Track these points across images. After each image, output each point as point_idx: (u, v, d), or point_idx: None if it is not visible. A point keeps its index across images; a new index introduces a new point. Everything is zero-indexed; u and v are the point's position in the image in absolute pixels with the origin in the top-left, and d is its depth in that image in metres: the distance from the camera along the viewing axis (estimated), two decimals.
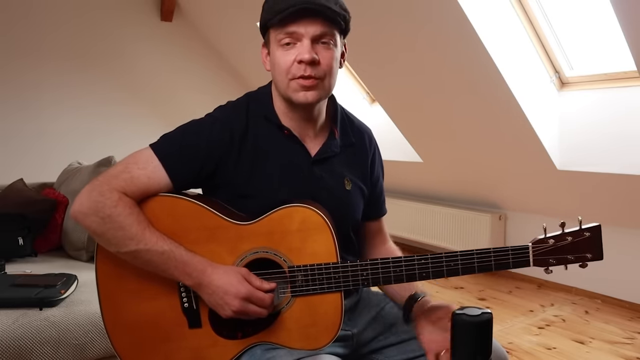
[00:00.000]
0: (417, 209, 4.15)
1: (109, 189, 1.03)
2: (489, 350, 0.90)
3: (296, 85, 1.07)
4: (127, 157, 1.09)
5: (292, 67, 1.06)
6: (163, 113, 4.58)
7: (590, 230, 1.02)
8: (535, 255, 1.04)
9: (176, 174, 1.07)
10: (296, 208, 1.06)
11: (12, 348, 1.51)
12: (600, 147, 2.84)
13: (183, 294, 1.08)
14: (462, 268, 1.05)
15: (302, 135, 1.15)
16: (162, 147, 1.09)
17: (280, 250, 1.06)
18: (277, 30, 1.07)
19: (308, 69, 1.05)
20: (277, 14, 1.04)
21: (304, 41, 1.05)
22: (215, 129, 1.10)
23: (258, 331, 1.08)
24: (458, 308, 0.93)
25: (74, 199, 1.07)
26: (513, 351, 2.47)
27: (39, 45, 4.06)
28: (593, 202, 3.07)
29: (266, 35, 1.12)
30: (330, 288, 1.05)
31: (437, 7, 2.74)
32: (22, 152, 4.02)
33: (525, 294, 3.32)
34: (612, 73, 2.78)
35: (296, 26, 1.05)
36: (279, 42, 1.07)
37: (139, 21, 4.51)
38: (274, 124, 1.14)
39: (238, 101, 1.17)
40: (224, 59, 4.94)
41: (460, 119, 3.34)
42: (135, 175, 1.05)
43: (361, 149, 1.23)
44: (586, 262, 1.03)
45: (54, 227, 2.38)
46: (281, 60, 1.07)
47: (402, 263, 1.06)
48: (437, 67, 3.09)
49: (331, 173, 1.16)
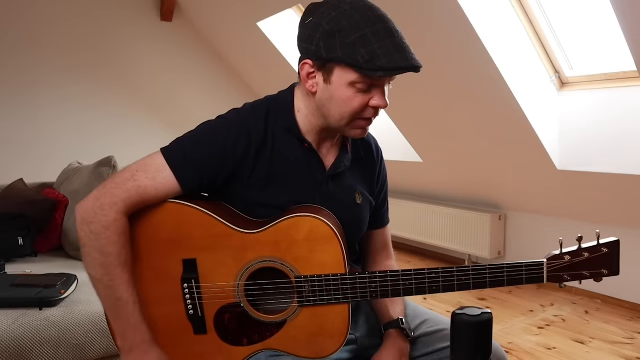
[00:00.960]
0: (417, 209, 4.15)
1: (111, 203, 0.99)
2: (489, 350, 0.90)
3: (359, 124, 1.05)
4: (137, 162, 1.05)
5: (365, 110, 1.03)
6: (163, 113, 4.58)
7: (608, 246, 0.99)
8: (550, 271, 1.01)
9: (187, 184, 1.04)
10: (304, 218, 1.04)
11: (12, 348, 1.51)
12: (600, 147, 2.84)
13: (188, 301, 1.07)
14: (473, 283, 1.03)
15: (319, 148, 1.13)
16: (176, 155, 1.04)
17: (286, 260, 1.05)
18: (360, 74, 0.99)
19: (378, 111, 1.04)
20: (380, 70, 0.96)
21: (381, 88, 1.02)
22: (232, 135, 1.05)
23: (264, 338, 1.07)
24: (458, 308, 0.93)
25: (80, 198, 1.06)
26: (513, 351, 2.47)
27: (38, 45, 4.06)
28: (593, 202, 3.07)
29: (330, 63, 1.01)
30: (337, 299, 1.04)
31: (437, 8, 2.74)
32: (22, 152, 4.02)
33: (525, 294, 3.31)
34: (612, 73, 2.78)
35: (384, 81, 1.02)
36: (354, 84, 1.00)
37: (139, 21, 4.51)
38: (295, 136, 1.10)
39: (257, 104, 1.12)
40: (223, 59, 4.94)
41: (461, 119, 3.34)
42: (142, 185, 1.01)
43: (369, 160, 1.22)
44: (602, 277, 1.00)
45: (54, 227, 2.38)
46: (353, 101, 1.01)
47: (412, 276, 1.04)
48: (437, 67, 3.09)
49: (343, 187, 1.15)
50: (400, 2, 2.85)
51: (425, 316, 1.21)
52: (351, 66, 0.98)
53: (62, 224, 2.38)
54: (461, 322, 0.89)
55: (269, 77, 4.68)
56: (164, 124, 4.52)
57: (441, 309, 3.00)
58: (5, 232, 2.19)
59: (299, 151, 1.10)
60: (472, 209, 3.81)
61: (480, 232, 3.65)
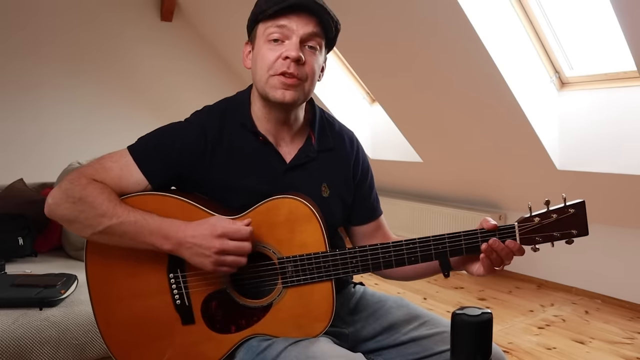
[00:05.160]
0: (417, 209, 4.15)
1: (79, 176, 1.05)
2: (489, 350, 0.90)
3: (276, 82, 1.06)
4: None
5: (276, 62, 1.05)
6: (162, 113, 4.57)
7: (574, 207, 1.03)
8: (522, 234, 1.04)
9: (148, 171, 1.08)
10: (282, 200, 1.06)
11: (12, 348, 1.51)
12: (600, 147, 2.84)
13: (175, 290, 1.08)
14: (450, 250, 1.05)
15: (277, 140, 1.15)
16: (136, 145, 1.11)
17: (268, 242, 1.06)
18: (267, 23, 1.06)
19: (292, 66, 1.04)
20: (275, 4, 1.03)
21: (293, 39, 1.05)
22: (190, 133, 1.10)
23: (251, 324, 1.08)
24: (458, 308, 0.93)
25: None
26: (513, 351, 2.47)
27: (38, 45, 4.06)
28: (593, 202, 3.06)
29: (253, 30, 1.11)
30: (320, 277, 1.06)
31: (437, 8, 2.73)
32: (22, 152, 4.02)
33: (525, 294, 3.32)
34: (612, 73, 2.78)
35: (289, 20, 1.04)
36: (267, 36, 1.06)
37: (139, 21, 4.51)
38: (249, 130, 1.13)
39: (214, 106, 1.17)
40: (223, 59, 4.94)
41: (461, 119, 3.34)
42: (107, 166, 1.07)
43: (342, 152, 1.21)
44: (572, 238, 1.04)
45: (54, 227, 2.38)
46: (266, 54, 1.06)
47: (391, 248, 1.06)
48: (437, 67, 3.09)
49: (307, 179, 1.15)
50: (400, 3, 2.85)
51: (425, 317, 1.20)
52: (260, 18, 1.07)
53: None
54: (461, 322, 0.89)
55: None
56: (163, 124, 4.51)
57: (441, 309, 3.00)
58: (5, 232, 2.19)
59: (255, 145, 1.13)
60: (472, 209, 3.81)
61: None
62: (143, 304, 1.08)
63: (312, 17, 1.05)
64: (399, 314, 1.21)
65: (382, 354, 1.18)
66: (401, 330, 1.18)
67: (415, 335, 1.16)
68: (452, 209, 3.88)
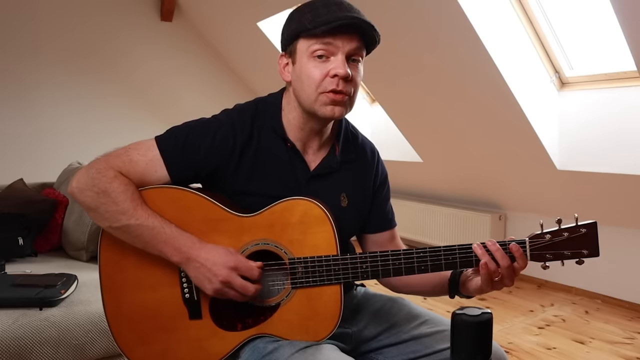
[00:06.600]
0: (417, 209, 4.15)
1: (106, 167, 1.05)
2: (489, 350, 0.90)
3: (326, 99, 1.05)
4: (130, 143, 1.11)
5: (325, 80, 1.04)
6: (162, 113, 4.57)
7: (586, 227, 1.02)
8: (533, 250, 1.03)
9: (174, 169, 1.08)
10: (297, 201, 1.07)
11: (12, 348, 1.51)
12: (600, 147, 2.84)
13: (185, 284, 1.08)
14: (460, 261, 1.05)
15: (305, 148, 1.15)
16: (166, 140, 1.10)
17: (281, 243, 1.07)
18: (311, 40, 1.04)
19: (341, 84, 1.04)
20: (323, 24, 1.01)
21: (339, 56, 1.04)
22: (220, 133, 1.10)
23: (258, 323, 1.08)
24: (458, 308, 0.93)
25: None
26: (513, 351, 2.47)
27: (40, 47, 4.06)
28: (593, 202, 3.08)
29: (292, 44, 1.08)
30: (330, 280, 1.06)
31: (437, 8, 2.74)
32: (22, 152, 4.02)
33: (525, 294, 3.32)
34: (612, 73, 2.78)
35: (334, 39, 1.03)
36: (311, 53, 1.05)
37: (139, 21, 4.51)
38: (279, 135, 1.13)
39: (245, 106, 1.16)
40: (223, 59, 4.94)
41: (460, 119, 3.34)
42: (134, 160, 1.07)
43: (363, 164, 1.23)
44: (582, 258, 1.03)
45: (54, 227, 2.38)
46: (312, 72, 1.05)
47: (402, 256, 1.06)
48: (437, 67, 3.09)
49: (327, 189, 1.16)
50: (400, 3, 2.85)
51: (425, 316, 1.21)
52: (302, 35, 1.05)
53: (62, 224, 2.38)
54: (461, 322, 0.89)
55: (269, 77, 4.67)
56: (164, 124, 4.46)
57: (441, 309, 3.00)
58: (5, 232, 2.19)
59: (283, 151, 1.13)
60: (472, 209, 3.81)
61: (480, 232, 3.65)
62: (152, 295, 1.09)
63: (356, 32, 1.05)
64: (400, 313, 1.22)
65: (383, 352, 1.19)
66: (402, 329, 1.19)
67: (415, 334, 1.17)
68: (452, 209, 3.88)
